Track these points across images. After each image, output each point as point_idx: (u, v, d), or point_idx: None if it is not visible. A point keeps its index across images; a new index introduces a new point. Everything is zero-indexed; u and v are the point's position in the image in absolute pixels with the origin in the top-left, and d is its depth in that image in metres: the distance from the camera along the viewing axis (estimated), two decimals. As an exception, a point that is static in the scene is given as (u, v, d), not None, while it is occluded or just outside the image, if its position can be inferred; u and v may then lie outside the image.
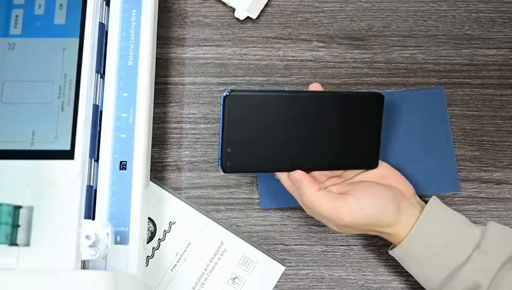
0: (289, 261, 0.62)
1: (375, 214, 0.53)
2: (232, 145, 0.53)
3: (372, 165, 0.57)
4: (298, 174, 0.55)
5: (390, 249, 0.57)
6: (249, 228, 0.62)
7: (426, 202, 0.56)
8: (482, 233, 0.54)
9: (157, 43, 0.64)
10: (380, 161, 0.57)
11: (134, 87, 0.58)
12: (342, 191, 0.55)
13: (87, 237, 0.50)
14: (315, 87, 0.57)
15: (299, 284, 0.61)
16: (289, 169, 0.55)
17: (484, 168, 0.64)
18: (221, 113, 0.53)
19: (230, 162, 0.53)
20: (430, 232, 0.54)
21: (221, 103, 0.52)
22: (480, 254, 0.53)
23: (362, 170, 0.57)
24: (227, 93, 0.52)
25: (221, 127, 0.53)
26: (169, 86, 0.66)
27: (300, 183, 0.54)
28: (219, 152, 0.53)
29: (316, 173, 0.56)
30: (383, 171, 0.57)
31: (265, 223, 0.63)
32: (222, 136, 0.53)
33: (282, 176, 0.56)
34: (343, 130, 0.56)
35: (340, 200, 0.53)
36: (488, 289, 0.52)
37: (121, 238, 0.54)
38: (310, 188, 0.54)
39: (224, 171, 0.53)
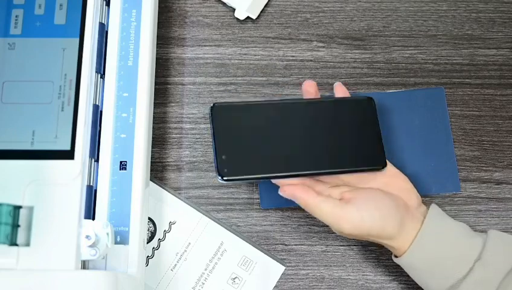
0: (289, 261, 0.62)
1: (377, 227, 0.53)
2: (226, 152, 0.54)
3: (381, 164, 0.56)
4: (287, 190, 0.54)
5: (394, 256, 0.57)
6: (249, 228, 0.62)
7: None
8: (483, 243, 0.53)
9: (157, 43, 0.64)
10: (389, 166, 0.56)
11: (134, 87, 0.58)
12: (343, 196, 0.54)
13: (87, 237, 0.50)
14: (308, 85, 0.57)
15: (299, 284, 0.61)
16: (288, 174, 0.54)
17: (484, 168, 0.64)
18: (211, 123, 0.54)
19: (228, 169, 0.53)
20: (430, 246, 0.53)
21: (209, 114, 0.54)
22: (482, 265, 0.52)
23: (371, 174, 0.56)
24: (212, 105, 0.54)
25: (212, 137, 0.54)
26: (169, 86, 0.66)
27: (294, 199, 0.54)
28: (214, 161, 0.53)
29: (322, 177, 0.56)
30: (389, 178, 0.56)
31: (265, 223, 0.63)
32: (214, 145, 0.54)
33: (280, 182, 0.55)
34: (338, 134, 0.56)
35: (340, 208, 0.53)
36: None
37: (121, 238, 0.54)
38: (305, 198, 0.53)
39: (222, 177, 0.53)
